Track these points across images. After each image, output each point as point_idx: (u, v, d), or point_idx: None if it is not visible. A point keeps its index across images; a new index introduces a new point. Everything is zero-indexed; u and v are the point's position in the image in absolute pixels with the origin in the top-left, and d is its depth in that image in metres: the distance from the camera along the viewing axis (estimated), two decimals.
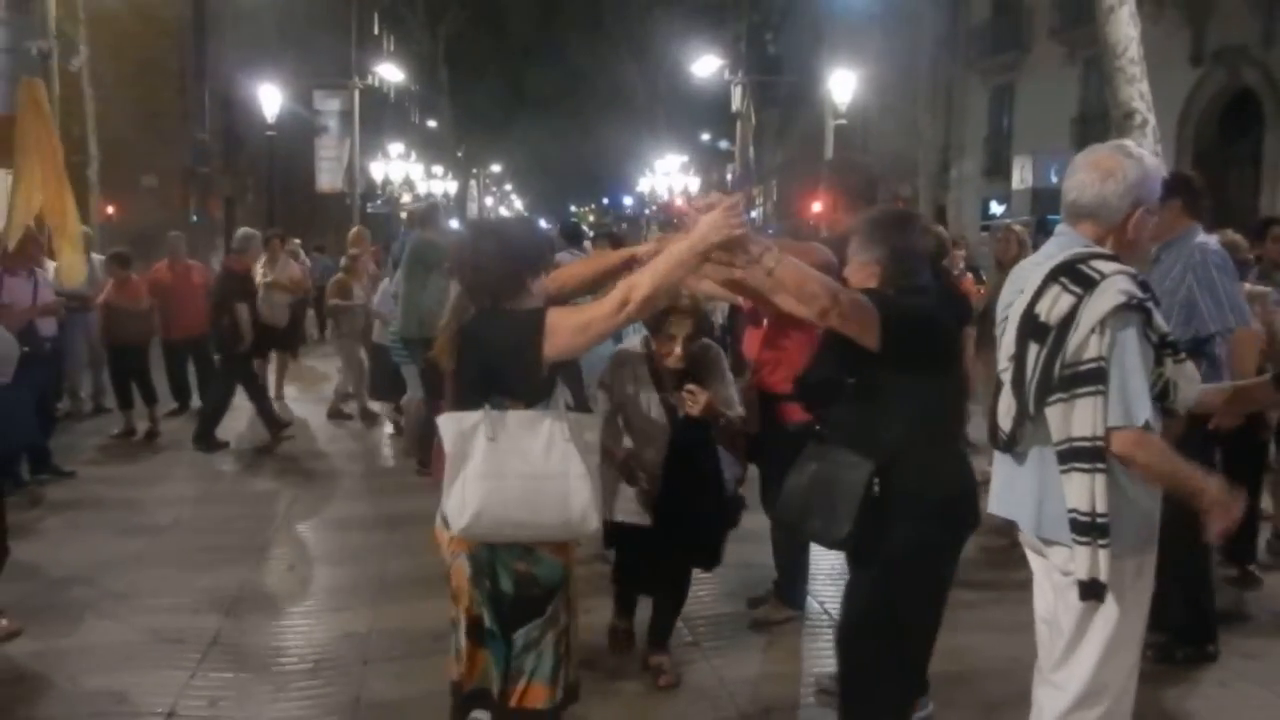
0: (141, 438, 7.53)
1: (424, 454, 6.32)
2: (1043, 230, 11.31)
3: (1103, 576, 2.05)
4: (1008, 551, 4.88)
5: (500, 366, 2.27)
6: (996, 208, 20.66)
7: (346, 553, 4.97)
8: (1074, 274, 2.10)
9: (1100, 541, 2.04)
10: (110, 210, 16.70)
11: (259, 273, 9.09)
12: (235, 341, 7.33)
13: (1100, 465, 2.05)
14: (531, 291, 2.34)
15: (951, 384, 2.60)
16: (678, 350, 3.17)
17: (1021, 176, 17.68)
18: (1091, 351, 2.05)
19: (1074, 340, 2.06)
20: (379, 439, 7.86)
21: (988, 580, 4.37)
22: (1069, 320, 2.06)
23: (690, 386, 3.14)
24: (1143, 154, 2.20)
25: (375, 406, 8.23)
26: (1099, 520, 2.04)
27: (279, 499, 5.97)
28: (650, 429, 3.29)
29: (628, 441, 3.33)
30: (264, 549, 5.01)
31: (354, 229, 10.45)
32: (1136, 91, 8.31)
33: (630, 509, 3.28)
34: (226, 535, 5.20)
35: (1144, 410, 2.05)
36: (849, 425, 2.47)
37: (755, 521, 3.71)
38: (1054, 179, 16.87)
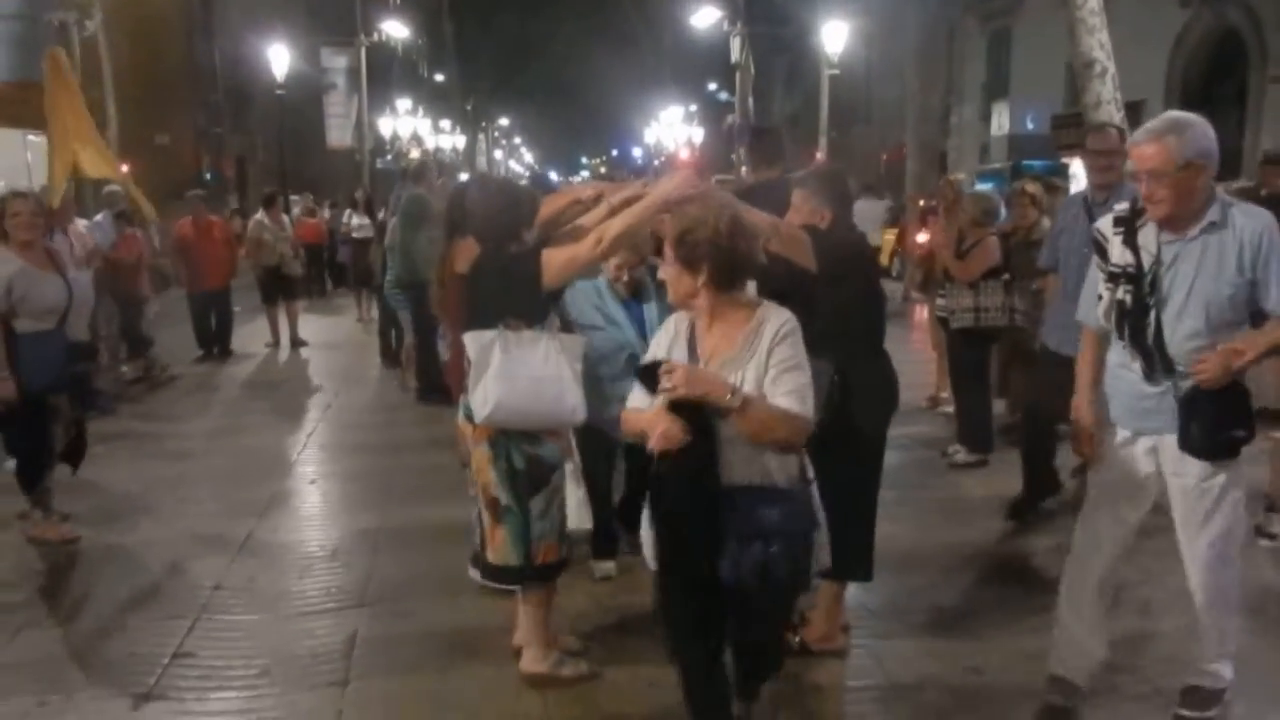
0: (134, 381, 8.10)
1: (422, 385, 7.06)
2: (1017, 175, 11.69)
3: None
4: (937, 462, 5.56)
5: (508, 295, 2.89)
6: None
7: (359, 471, 5.70)
8: None
9: None
10: (126, 169, 17.28)
11: (264, 228, 9.88)
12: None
13: None
14: (524, 239, 2.98)
15: (878, 303, 3.29)
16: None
17: (999, 123, 17.85)
18: None
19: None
20: (388, 377, 8.56)
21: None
22: None
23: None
24: (1146, 127, 2.61)
25: None
26: None
27: (302, 428, 6.70)
28: None
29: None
30: (290, 468, 5.75)
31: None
32: (1096, 41, 8.57)
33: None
34: (256, 458, 5.94)
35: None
36: (810, 336, 3.01)
37: None
38: (1030, 125, 17.13)
